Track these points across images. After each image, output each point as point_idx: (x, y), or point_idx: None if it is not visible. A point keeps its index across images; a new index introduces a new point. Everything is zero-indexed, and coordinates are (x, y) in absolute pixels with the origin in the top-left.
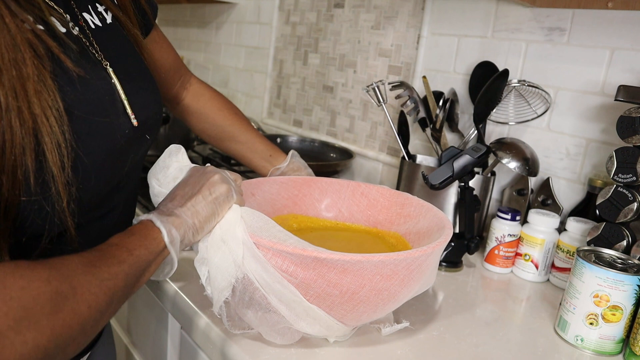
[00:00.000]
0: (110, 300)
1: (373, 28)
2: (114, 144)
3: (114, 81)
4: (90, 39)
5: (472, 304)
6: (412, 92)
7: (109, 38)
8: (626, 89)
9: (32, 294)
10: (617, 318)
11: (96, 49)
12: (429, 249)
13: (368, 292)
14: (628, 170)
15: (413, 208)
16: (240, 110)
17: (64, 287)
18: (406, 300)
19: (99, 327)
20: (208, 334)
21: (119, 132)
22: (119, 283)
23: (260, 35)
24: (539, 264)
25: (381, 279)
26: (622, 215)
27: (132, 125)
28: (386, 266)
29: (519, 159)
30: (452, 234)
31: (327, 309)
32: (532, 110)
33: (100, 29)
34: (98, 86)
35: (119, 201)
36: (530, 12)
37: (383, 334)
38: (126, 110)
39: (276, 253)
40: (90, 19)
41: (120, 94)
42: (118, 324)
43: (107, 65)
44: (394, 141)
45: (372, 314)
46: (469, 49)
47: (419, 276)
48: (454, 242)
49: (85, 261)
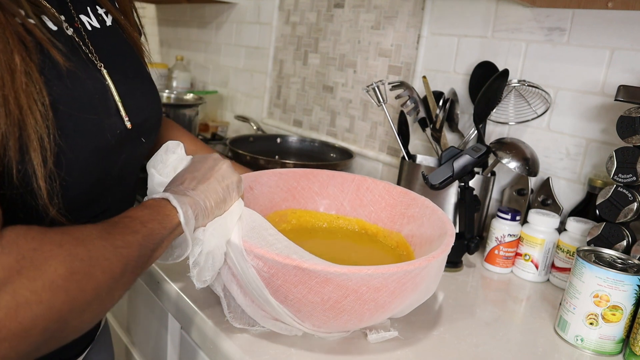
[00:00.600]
0: (124, 268)
1: (373, 28)
2: (102, 142)
3: (107, 82)
4: (85, 40)
5: (472, 304)
6: (412, 92)
7: (107, 40)
8: (626, 89)
9: (45, 256)
10: (617, 318)
11: (91, 50)
12: (423, 261)
13: (352, 302)
14: (628, 170)
15: (418, 209)
16: (240, 110)
17: (77, 250)
18: (404, 308)
19: (114, 297)
20: (208, 334)
21: (109, 132)
22: (133, 252)
23: (260, 35)
24: (539, 264)
25: (367, 290)
26: (622, 215)
27: (125, 127)
28: (374, 279)
29: (519, 159)
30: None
31: (307, 315)
32: (532, 110)
33: (98, 31)
34: (88, 85)
35: (113, 202)
36: (530, 12)
37: (370, 340)
38: (119, 111)
39: (258, 257)
40: (88, 20)
41: (114, 95)
42: (118, 323)
43: (101, 67)
44: (394, 141)
45: (359, 323)
46: (469, 49)
47: (414, 287)
48: (454, 242)
49: (99, 228)
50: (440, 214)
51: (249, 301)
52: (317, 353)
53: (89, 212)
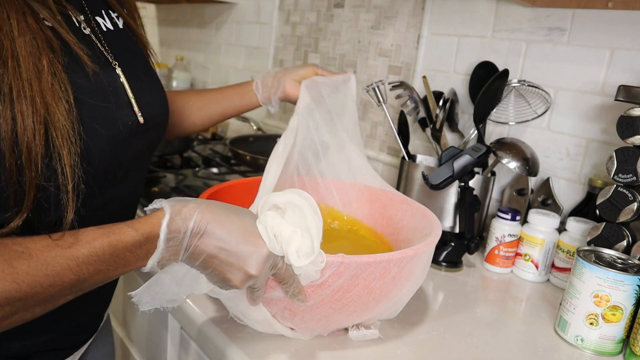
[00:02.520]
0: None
1: (373, 28)
2: (114, 132)
3: (121, 79)
4: (102, 40)
5: (472, 304)
6: (412, 92)
7: (120, 41)
8: (626, 89)
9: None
10: (617, 318)
11: (106, 50)
12: (423, 247)
13: (360, 290)
14: (628, 170)
15: (395, 211)
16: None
17: (16, 246)
18: (396, 304)
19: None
20: (208, 334)
21: (121, 123)
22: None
23: (260, 35)
24: (539, 264)
25: (374, 278)
26: (622, 215)
27: (137, 120)
28: (383, 265)
29: (519, 159)
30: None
31: (301, 315)
32: (532, 110)
33: (112, 32)
34: (104, 79)
35: (115, 195)
36: (530, 12)
37: (351, 337)
38: (132, 105)
39: None
40: (103, 22)
41: (127, 91)
42: (118, 323)
43: (115, 65)
44: (394, 141)
45: (361, 314)
46: (469, 49)
47: (410, 274)
48: (454, 242)
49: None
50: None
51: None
52: (317, 353)
53: (94, 202)
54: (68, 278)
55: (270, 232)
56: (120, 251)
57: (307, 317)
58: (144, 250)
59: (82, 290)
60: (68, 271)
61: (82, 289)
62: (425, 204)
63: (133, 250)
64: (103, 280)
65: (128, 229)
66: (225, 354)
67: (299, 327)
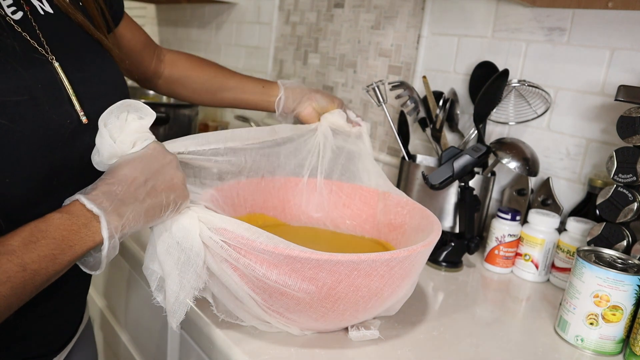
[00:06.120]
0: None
1: (373, 28)
2: (48, 134)
3: (57, 72)
4: (33, 26)
5: (472, 304)
6: (412, 92)
7: (60, 25)
8: (626, 89)
9: None
10: (617, 318)
11: (40, 38)
12: (420, 246)
13: (345, 287)
14: (628, 170)
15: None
16: (240, 110)
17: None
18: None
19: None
20: (208, 334)
21: (57, 123)
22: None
23: (260, 35)
24: (539, 264)
25: (358, 276)
26: (622, 215)
27: (79, 121)
28: (364, 265)
29: (519, 159)
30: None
31: (306, 308)
32: (532, 110)
33: (51, 15)
34: (33, 74)
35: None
36: (530, 12)
37: (351, 337)
38: (73, 104)
39: (248, 252)
40: (40, 5)
41: (66, 85)
42: (118, 323)
43: (51, 58)
44: (394, 141)
45: (354, 314)
46: (469, 49)
47: (409, 272)
48: (454, 242)
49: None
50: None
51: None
52: (317, 354)
53: (36, 211)
54: (13, 272)
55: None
56: (52, 231)
57: (295, 315)
58: (80, 221)
59: (35, 285)
60: (10, 264)
61: (36, 283)
62: (425, 204)
63: (67, 227)
64: (54, 268)
65: (53, 214)
66: (226, 354)
67: (294, 324)
